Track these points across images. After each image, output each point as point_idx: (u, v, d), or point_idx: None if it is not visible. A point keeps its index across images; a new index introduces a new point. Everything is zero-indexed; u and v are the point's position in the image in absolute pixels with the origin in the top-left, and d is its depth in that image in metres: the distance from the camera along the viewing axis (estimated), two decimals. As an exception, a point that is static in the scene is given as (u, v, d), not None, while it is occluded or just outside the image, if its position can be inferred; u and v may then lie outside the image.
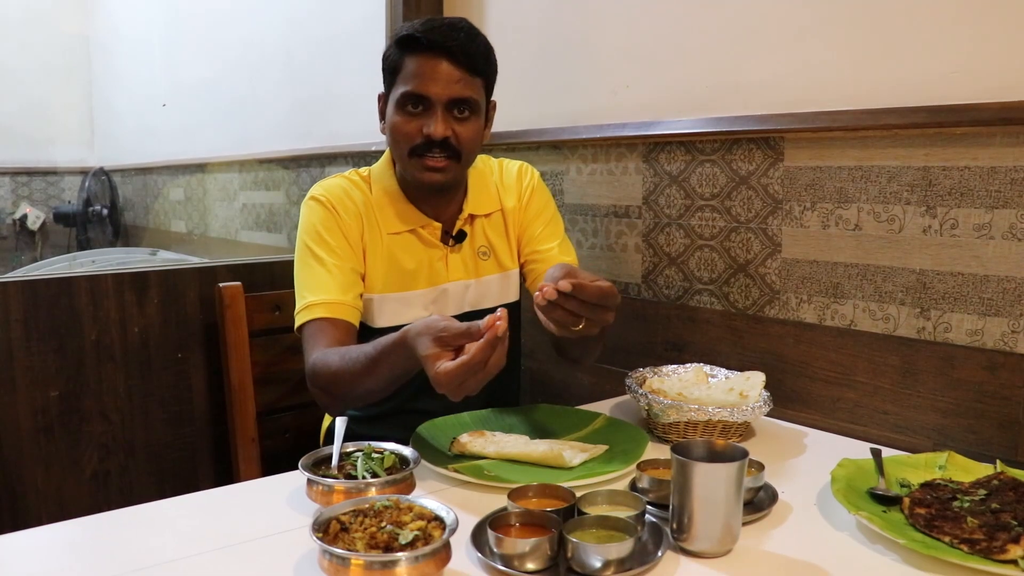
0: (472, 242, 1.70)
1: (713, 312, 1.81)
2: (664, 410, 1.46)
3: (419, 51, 1.52)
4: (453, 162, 1.56)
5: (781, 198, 1.66)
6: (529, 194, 1.76)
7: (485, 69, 1.58)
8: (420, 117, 1.53)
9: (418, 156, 1.55)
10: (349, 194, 1.64)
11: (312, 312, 1.54)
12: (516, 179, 1.77)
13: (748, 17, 1.70)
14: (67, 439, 1.86)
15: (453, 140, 1.54)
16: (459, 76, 1.52)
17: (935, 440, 1.47)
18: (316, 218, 1.61)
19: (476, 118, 1.58)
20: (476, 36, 1.57)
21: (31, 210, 5.38)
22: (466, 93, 1.53)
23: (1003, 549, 1.01)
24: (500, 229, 1.74)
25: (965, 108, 1.38)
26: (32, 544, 1.12)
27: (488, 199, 1.73)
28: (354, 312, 1.57)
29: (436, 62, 1.51)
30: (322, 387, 1.49)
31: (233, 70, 3.72)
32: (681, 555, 1.06)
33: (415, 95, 1.52)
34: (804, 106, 1.61)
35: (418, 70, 1.52)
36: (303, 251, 1.61)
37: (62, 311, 1.83)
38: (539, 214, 1.76)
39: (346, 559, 0.88)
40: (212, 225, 3.99)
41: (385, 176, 1.67)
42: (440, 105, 1.52)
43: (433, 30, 1.52)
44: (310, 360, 1.50)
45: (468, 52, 1.53)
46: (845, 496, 1.16)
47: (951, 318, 1.44)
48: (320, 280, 1.57)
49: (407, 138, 1.54)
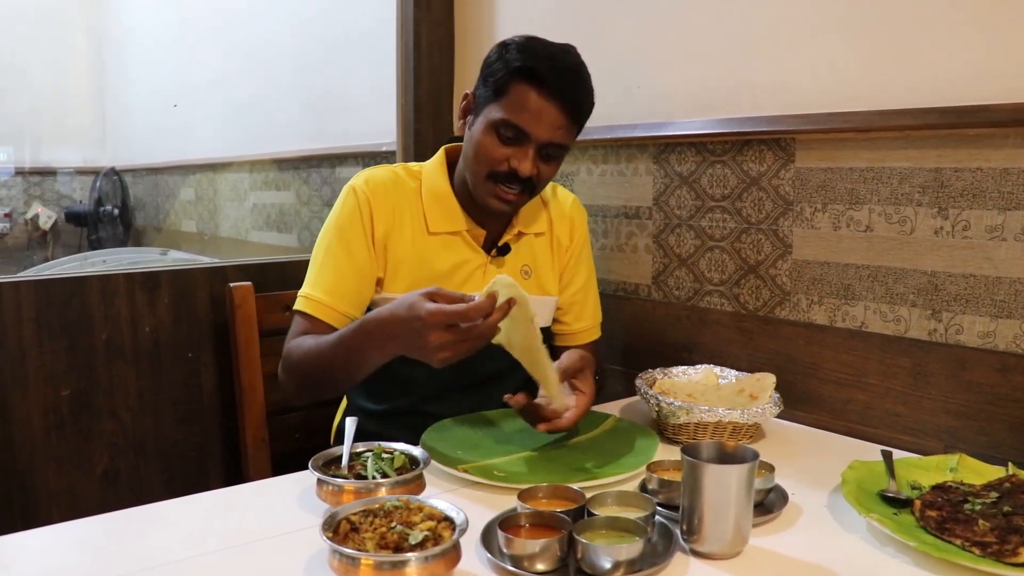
0: (516, 259, 1.68)
1: (723, 313, 1.80)
2: (674, 411, 1.45)
3: (533, 85, 1.47)
4: (525, 196, 1.56)
5: (792, 199, 1.66)
6: (581, 237, 1.78)
7: (586, 118, 1.56)
8: (511, 146, 1.50)
9: (494, 182, 1.52)
10: (391, 189, 1.61)
11: (307, 305, 1.56)
12: (571, 213, 1.77)
13: (759, 18, 1.69)
14: (78, 437, 1.86)
15: (534, 178, 1.52)
16: (563, 123, 1.49)
17: (946, 442, 1.46)
18: (345, 212, 1.60)
19: (560, 159, 1.57)
20: (588, 83, 1.53)
21: (43, 210, 5.40)
22: (564, 140, 1.52)
23: (1015, 552, 1.00)
24: (547, 253, 1.74)
25: (978, 109, 1.38)
26: (43, 542, 1.12)
27: (538, 218, 1.72)
28: (344, 320, 1.57)
29: (546, 104, 1.47)
30: (288, 368, 1.53)
31: (244, 70, 3.73)
32: (691, 557, 1.06)
33: (516, 128, 1.48)
34: (815, 107, 1.60)
35: (526, 104, 1.47)
36: (324, 238, 1.61)
37: (74, 310, 1.84)
38: (586, 261, 1.79)
39: (356, 559, 0.89)
40: (222, 225, 3.99)
41: (437, 175, 1.65)
42: (535, 144, 1.49)
43: (555, 72, 1.46)
44: (287, 345, 1.55)
45: (579, 102, 1.51)
46: (856, 498, 1.15)
47: (963, 320, 1.44)
48: (325, 277, 1.57)
49: (491, 163, 1.51)
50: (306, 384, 1.54)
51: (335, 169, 2.95)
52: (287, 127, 3.36)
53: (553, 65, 1.47)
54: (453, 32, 2.41)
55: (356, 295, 1.59)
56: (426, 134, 2.36)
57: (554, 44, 1.52)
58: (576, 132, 1.56)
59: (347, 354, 1.41)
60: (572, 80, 1.49)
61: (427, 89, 2.37)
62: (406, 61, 2.38)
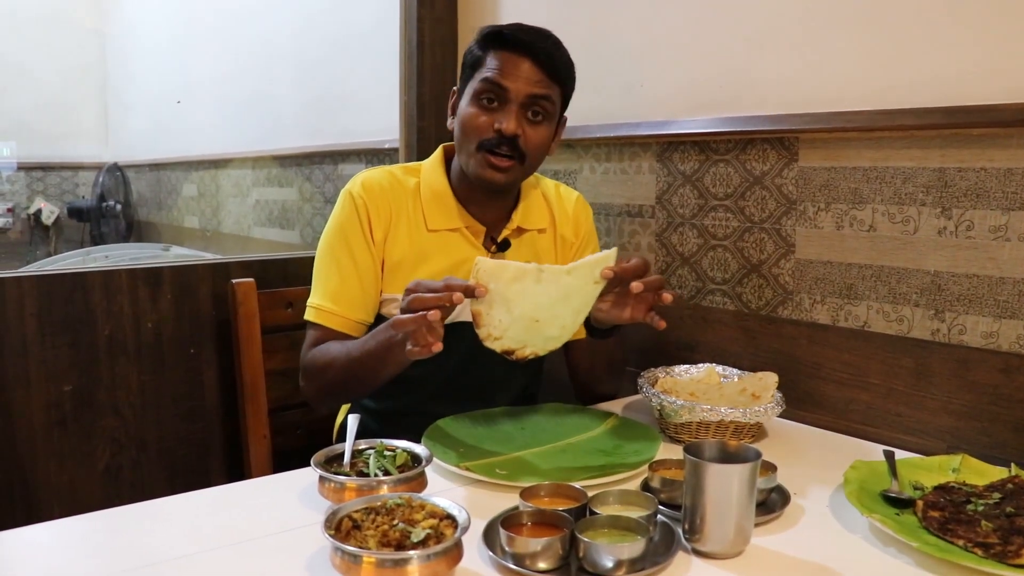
0: (517, 255, 1.68)
1: (726, 312, 1.80)
2: (676, 410, 1.45)
3: (504, 48, 1.53)
4: (517, 163, 1.56)
5: (795, 198, 1.66)
6: (587, 230, 1.79)
7: (565, 79, 1.59)
8: (494, 112, 1.53)
9: (485, 151, 1.54)
10: (387, 190, 1.63)
11: (319, 316, 1.60)
12: (575, 211, 1.78)
13: (763, 16, 1.69)
14: (80, 433, 1.86)
15: (522, 141, 1.54)
16: (540, 77, 1.53)
17: (949, 443, 1.46)
18: (344, 217, 1.62)
19: (548, 124, 1.58)
20: (561, 47, 1.58)
21: (45, 205, 5.41)
22: (544, 91, 1.54)
23: (1018, 553, 1.00)
24: (551, 250, 1.75)
25: (982, 109, 1.37)
26: (45, 538, 1.12)
27: (540, 215, 1.73)
28: (357, 327, 1.61)
29: (520, 59, 1.52)
30: (310, 376, 1.58)
31: (247, 67, 3.74)
32: (693, 556, 1.06)
33: (494, 84, 1.52)
34: (819, 106, 1.60)
35: (500, 64, 1.53)
36: (325, 246, 1.64)
37: (76, 306, 1.84)
38: (593, 250, 1.79)
39: (358, 557, 0.89)
40: (225, 221, 4.00)
41: (435, 173, 1.67)
42: (516, 102, 1.52)
43: (521, 30, 1.54)
44: (307, 356, 1.60)
45: (552, 57, 1.54)
46: (858, 498, 1.15)
47: (966, 320, 1.44)
48: (332, 286, 1.61)
49: (477, 131, 1.54)
50: (329, 391, 1.60)
51: (338, 166, 2.95)
52: (290, 124, 3.37)
53: (519, 26, 1.56)
54: (456, 30, 2.41)
55: (363, 299, 1.61)
56: (429, 132, 2.36)
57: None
58: (559, 94, 1.59)
59: (366, 360, 1.47)
60: (539, 35, 1.56)
61: (430, 86, 2.37)
62: (409, 58, 2.38)
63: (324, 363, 1.55)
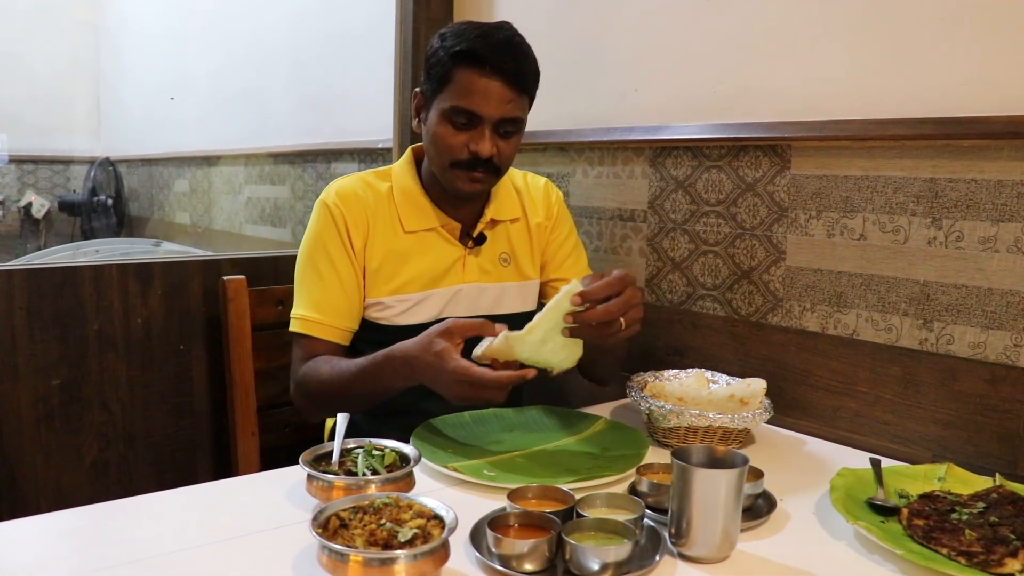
0: (493, 247, 1.72)
1: (716, 318, 1.81)
2: (664, 415, 1.46)
3: (474, 67, 1.50)
4: (492, 176, 1.59)
5: (787, 206, 1.66)
6: (556, 215, 1.81)
7: (533, 88, 1.59)
8: (467, 132, 1.54)
9: (460, 169, 1.56)
10: (361, 197, 1.65)
11: (304, 326, 1.61)
12: (544, 196, 1.81)
13: (758, 24, 1.70)
14: (67, 428, 1.86)
15: (496, 158, 1.55)
16: (511, 97, 1.52)
17: (935, 452, 1.47)
18: (321, 227, 1.64)
19: (519, 133, 1.60)
20: (527, 53, 1.57)
21: (36, 198, 5.38)
22: (515, 113, 1.54)
23: (1001, 563, 1.01)
24: (524, 239, 1.77)
25: (973, 120, 1.38)
26: (30, 532, 1.12)
27: (511, 206, 1.75)
28: (343, 334, 1.63)
29: (490, 82, 1.50)
30: (309, 394, 1.58)
31: (241, 64, 3.72)
32: (679, 560, 1.06)
33: (466, 112, 1.52)
34: (812, 115, 1.61)
35: (472, 87, 1.51)
36: (305, 257, 1.65)
37: (66, 300, 1.83)
38: (566, 239, 1.82)
39: (345, 555, 0.89)
40: (216, 218, 3.99)
41: (406, 175, 1.68)
42: (489, 125, 1.53)
43: (491, 48, 1.50)
44: (300, 372, 1.60)
45: (521, 73, 1.53)
46: (844, 505, 1.16)
47: (954, 330, 1.44)
48: (314, 296, 1.62)
49: (451, 151, 1.55)
50: (326, 408, 1.61)
51: (331, 165, 2.95)
52: (283, 121, 3.36)
53: (488, 42, 1.51)
54: (452, 31, 2.41)
55: (348, 307, 1.63)
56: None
57: (487, 23, 1.57)
58: (527, 104, 1.59)
59: (372, 382, 1.48)
60: (510, 52, 1.53)
61: (425, 87, 2.37)
62: (404, 58, 2.38)
63: (319, 385, 1.56)
